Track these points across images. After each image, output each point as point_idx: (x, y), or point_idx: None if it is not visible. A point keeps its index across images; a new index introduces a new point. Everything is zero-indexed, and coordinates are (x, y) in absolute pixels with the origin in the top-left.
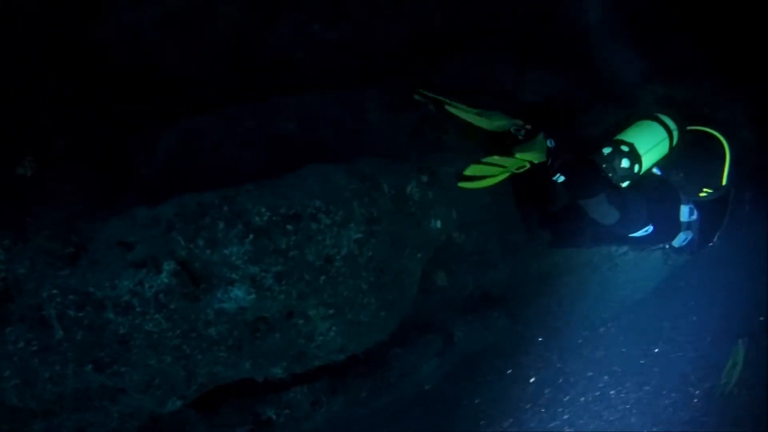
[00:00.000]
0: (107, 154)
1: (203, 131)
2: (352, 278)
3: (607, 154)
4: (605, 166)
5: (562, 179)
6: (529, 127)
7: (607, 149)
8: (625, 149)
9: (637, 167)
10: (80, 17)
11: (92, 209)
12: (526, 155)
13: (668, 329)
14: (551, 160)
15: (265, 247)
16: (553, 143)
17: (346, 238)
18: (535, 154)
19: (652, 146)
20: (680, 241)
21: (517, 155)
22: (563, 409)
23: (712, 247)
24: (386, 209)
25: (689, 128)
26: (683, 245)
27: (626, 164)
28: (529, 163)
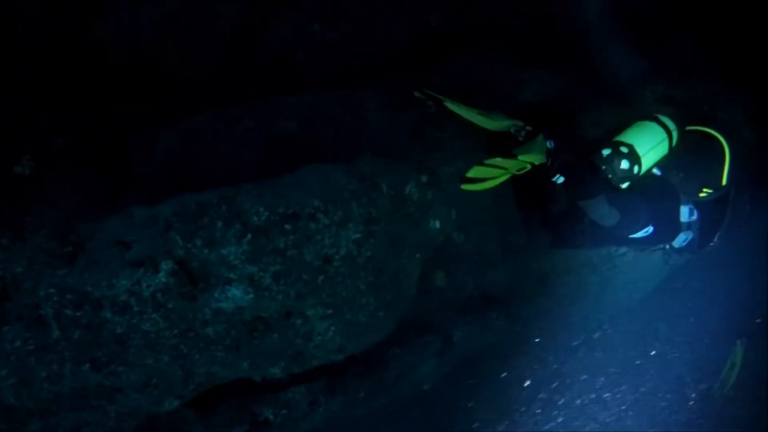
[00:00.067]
0: (106, 153)
1: (203, 131)
2: (350, 278)
3: (606, 155)
4: (605, 167)
5: (561, 180)
6: (529, 128)
7: (606, 150)
8: (624, 150)
9: (636, 168)
10: (79, 17)
11: (91, 209)
12: (528, 157)
13: (666, 330)
14: (551, 161)
15: (263, 246)
16: (552, 144)
17: (344, 238)
18: (536, 155)
19: (651, 147)
20: (680, 241)
21: (519, 157)
22: (558, 412)
23: (712, 247)
24: (385, 209)
25: (688, 128)
26: (684, 245)
27: (626, 165)
28: (529, 164)
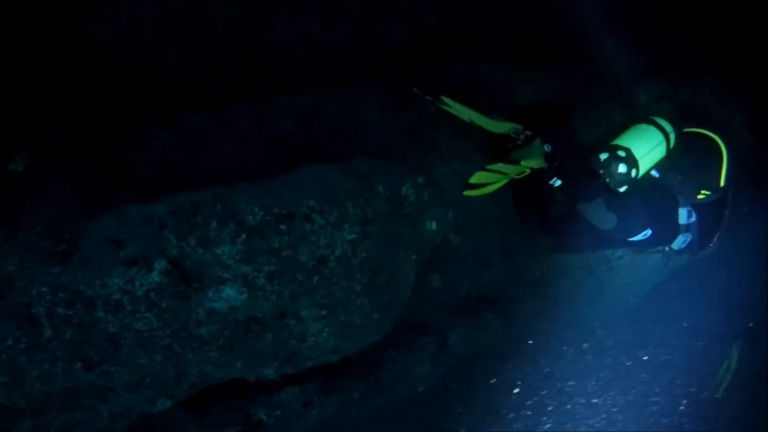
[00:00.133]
0: (103, 152)
1: (201, 130)
2: (345, 279)
3: (604, 159)
4: (602, 171)
5: (558, 183)
6: (529, 133)
7: (603, 155)
8: (621, 154)
9: (634, 172)
10: (77, 15)
11: (86, 207)
12: (528, 162)
13: (660, 333)
14: (548, 164)
15: (257, 246)
16: (549, 148)
17: (339, 238)
18: (535, 160)
19: (648, 150)
20: (680, 243)
21: (522, 162)
22: (546, 417)
23: (711, 248)
24: (381, 210)
25: (685, 130)
26: (683, 247)
27: (623, 169)
28: (529, 169)
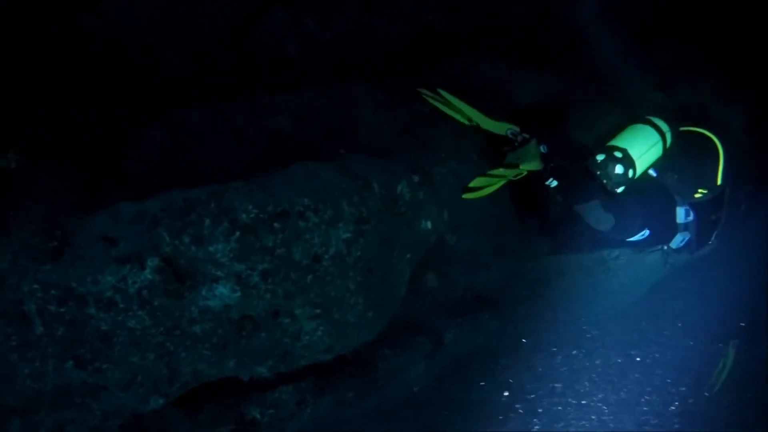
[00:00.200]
0: (96, 149)
1: (194, 127)
2: (339, 278)
3: (600, 161)
4: (599, 173)
5: (555, 184)
6: (526, 135)
7: (600, 156)
8: (618, 155)
9: (631, 172)
10: (68, 9)
11: (78, 204)
12: (525, 164)
13: (654, 334)
14: (544, 165)
15: (251, 244)
16: (545, 149)
17: (334, 237)
18: (531, 162)
19: (645, 150)
20: (678, 242)
21: (521, 166)
22: (537, 419)
23: (710, 246)
24: (376, 209)
25: (682, 129)
26: (681, 246)
27: (620, 170)
28: (526, 171)
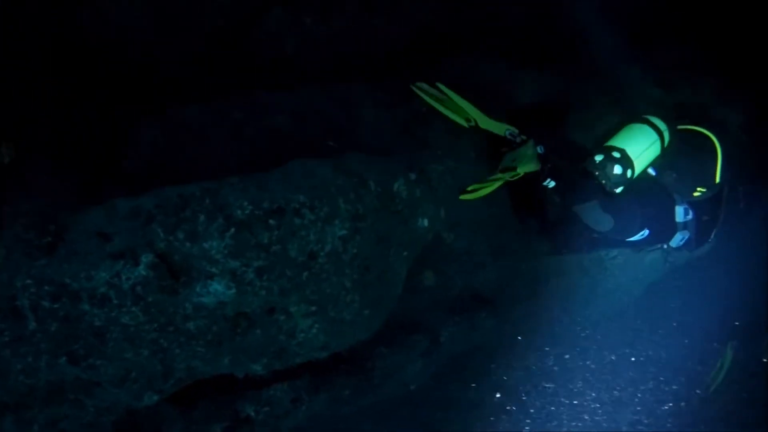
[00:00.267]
0: (91, 144)
1: (191, 124)
2: (335, 275)
3: (599, 161)
4: (598, 173)
5: (552, 185)
6: (524, 137)
7: (599, 156)
8: (616, 155)
9: (629, 172)
10: (67, 7)
11: (73, 200)
12: (523, 166)
13: (648, 334)
14: (541, 165)
15: (246, 241)
16: (543, 149)
17: (330, 234)
18: (528, 163)
19: (643, 150)
20: (677, 241)
21: (518, 168)
22: (529, 419)
23: (710, 244)
24: (372, 206)
25: (680, 127)
26: (681, 245)
27: (618, 171)
28: (523, 172)
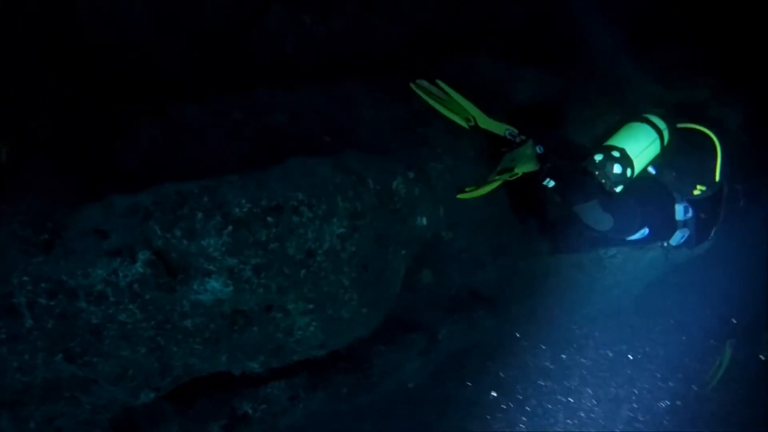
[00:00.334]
0: (90, 143)
1: (189, 123)
2: (333, 273)
3: (599, 161)
4: (598, 173)
5: (552, 184)
6: (524, 137)
7: (598, 156)
8: (616, 155)
9: (629, 171)
10: (67, 5)
11: (71, 197)
12: (521, 168)
13: (645, 332)
14: (540, 165)
15: (244, 239)
16: (542, 149)
17: (328, 232)
18: (527, 163)
19: (643, 149)
20: (677, 239)
21: (515, 169)
22: (526, 417)
23: (710, 240)
24: (370, 204)
25: (679, 126)
26: (681, 243)
27: (618, 170)
28: (522, 172)
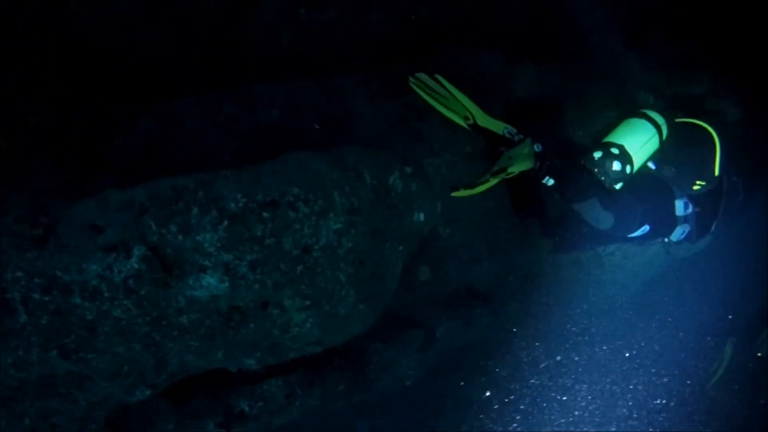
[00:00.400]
0: (84, 137)
1: (183, 116)
2: (330, 269)
3: (598, 158)
4: (597, 170)
5: (551, 182)
6: (522, 136)
7: (597, 153)
8: (615, 152)
9: (629, 168)
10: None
11: (65, 192)
12: (518, 165)
13: (644, 331)
14: (539, 163)
15: (239, 234)
16: (540, 147)
17: (324, 228)
18: (523, 162)
19: (642, 145)
20: (678, 234)
21: (509, 169)
22: (519, 416)
23: (711, 234)
24: (367, 200)
25: (678, 120)
26: (682, 238)
27: (618, 167)
28: (518, 171)
